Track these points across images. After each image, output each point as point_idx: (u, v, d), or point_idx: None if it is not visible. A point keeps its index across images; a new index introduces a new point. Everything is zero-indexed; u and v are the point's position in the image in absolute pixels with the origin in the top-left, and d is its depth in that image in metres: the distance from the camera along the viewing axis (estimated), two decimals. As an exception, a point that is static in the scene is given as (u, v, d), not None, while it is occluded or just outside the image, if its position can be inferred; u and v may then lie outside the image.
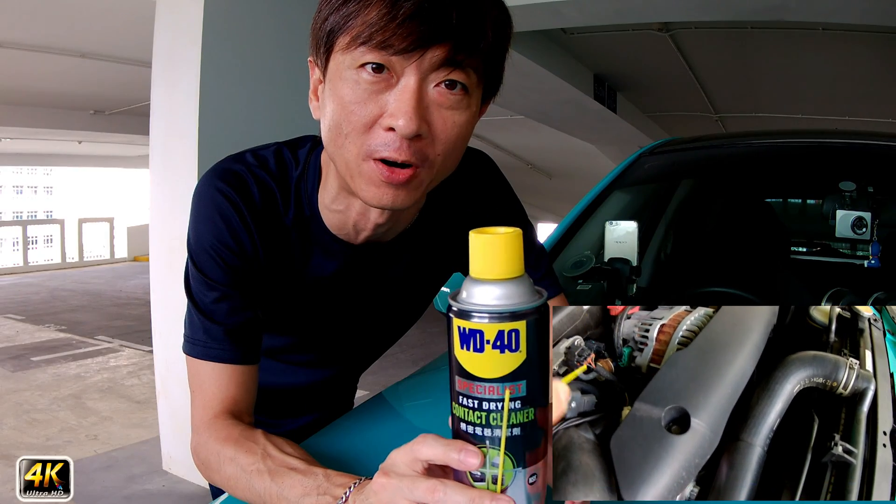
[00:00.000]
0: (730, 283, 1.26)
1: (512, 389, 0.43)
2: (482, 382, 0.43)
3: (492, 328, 0.42)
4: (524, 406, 0.43)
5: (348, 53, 0.56)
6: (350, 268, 0.75)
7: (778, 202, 2.06)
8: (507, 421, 0.43)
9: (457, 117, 0.59)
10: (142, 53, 4.43)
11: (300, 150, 0.73)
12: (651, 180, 1.70)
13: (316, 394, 0.95)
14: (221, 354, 0.68)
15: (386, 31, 0.54)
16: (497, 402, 0.43)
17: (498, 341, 0.42)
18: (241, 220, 0.67)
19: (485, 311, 0.43)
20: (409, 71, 0.56)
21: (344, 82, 0.57)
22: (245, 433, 0.64)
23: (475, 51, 0.57)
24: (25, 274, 9.87)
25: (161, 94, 2.63)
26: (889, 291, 1.16)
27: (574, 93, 5.34)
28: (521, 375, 0.43)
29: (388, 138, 0.57)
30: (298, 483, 0.55)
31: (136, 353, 4.79)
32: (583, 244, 1.39)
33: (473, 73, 0.58)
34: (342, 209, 0.69)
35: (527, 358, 0.43)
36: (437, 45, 0.55)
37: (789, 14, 3.38)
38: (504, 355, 0.43)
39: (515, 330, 0.42)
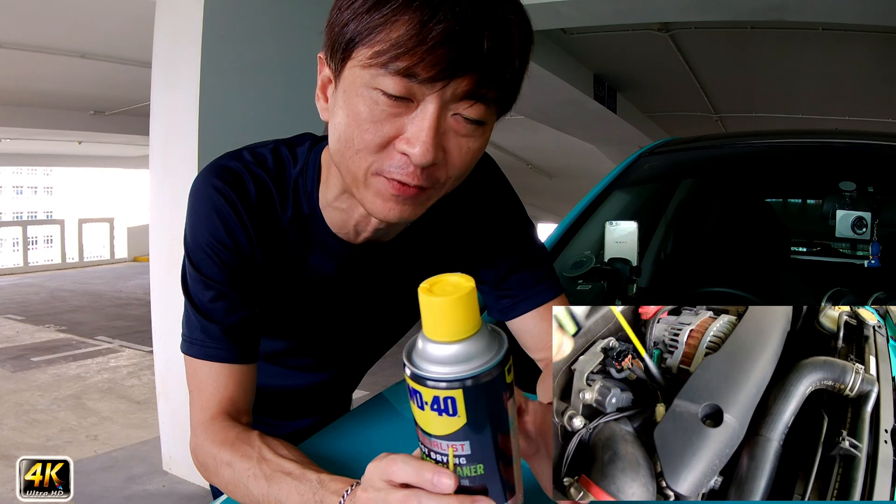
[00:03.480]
0: (730, 283, 1.25)
1: (455, 448, 0.42)
2: (427, 436, 0.43)
3: (426, 392, 0.42)
4: (470, 463, 0.43)
5: (368, 70, 0.53)
6: (349, 268, 0.74)
7: (778, 202, 2.06)
8: (455, 473, 0.43)
9: (472, 144, 0.58)
10: (142, 53, 4.43)
11: (299, 148, 0.71)
12: (651, 180, 1.70)
13: (316, 396, 0.95)
14: (219, 354, 0.67)
15: (413, 56, 0.51)
16: (443, 456, 0.43)
17: (434, 405, 0.42)
18: (238, 217, 0.67)
19: (420, 375, 0.42)
20: (431, 99, 0.53)
21: (360, 98, 0.55)
22: (241, 436, 0.63)
23: (500, 83, 0.55)
24: (25, 274, 9.87)
25: (161, 94, 2.63)
26: (889, 291, 1.16)
27: (574, 93, 5.35)
28: (463, 437, 0.42)
29: (401, 162, 0.56)
30: (294, 489, 0.55)
31: (137, 354, 4.79)
32: (583, 244, 1.39)
33: (493, 105, 0.57)
34: (345, 208, 0.68)
35: (467, 423, 0.42)
36: (462, 76, 0.53)
37: (789, 14, 3.38)
38: (443, 417, 0.42)
39: (451, 397, 0.41)
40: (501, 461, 0.44)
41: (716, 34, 4.50)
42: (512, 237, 0.79)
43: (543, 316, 0.78)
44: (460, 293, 0.41)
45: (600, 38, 4.76)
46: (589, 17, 3.65)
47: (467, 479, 0.43)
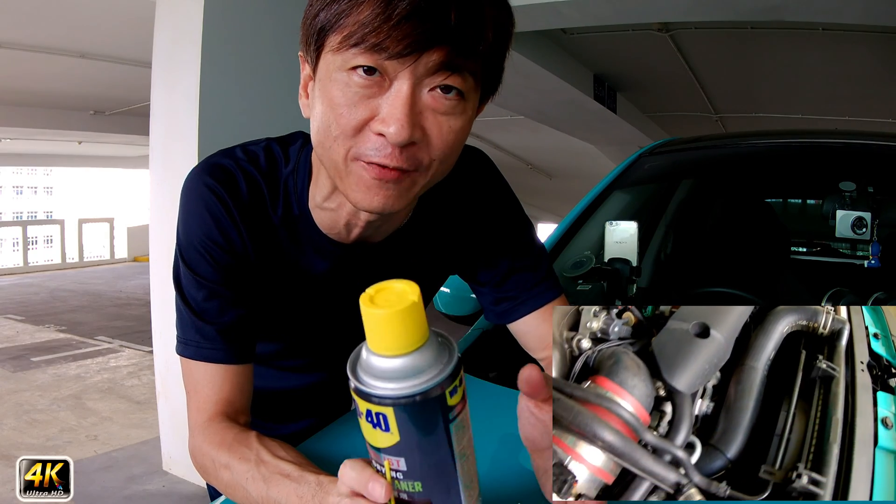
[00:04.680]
0: (730, 283, 1.25)
1: (391, 462, 0.42)
2: (368, 446, 0.43)
3: (362, 404, 0.40)
4: (407, 479, 0.42)
5: (339, 54, 0.54)
6: (341, 268, 0.73)
7: (778, 202, 2.06)
8: (392, 485, 0.43)
9: (452, 122, 0.57)
10: (142, 53, 4.43)
11: (291, 147, 0.71)
12: (651, 180, 1.70)
13: (310, 398, 0.94)
14: (214, 354, 0.66)
15: (380, 33, 0.51)
16: (380, 466, 0.43)
17: (369, 417, 0.41)
18: (229, 215, 0.66)
19: (355, 385, 0.40)
20: (403, 75, 0.53)
21: (334, 83, 0.55)
22: (239, 437, 0.63)
23: (474, 54, 0.54)
24: (25, 274, 9.87)
25: (161, 94, 2.63)
26: (889, 291, 1.16)
27: (574, 93, 5.35)
28: (398, 453, 0.41)
29: (378, 143, 0.55)
30: (293, 491, 0.54)
31: (137, 354, 4.79)
32: (583, 244, 1.39)
33: (470, 77, 0.56)
34: (334, 207, 0.67)
35: (401, 440, 0.40)
36: (433, 49, 0.52)
37: (789, 14, 3.38)
38: (377, 432, 0.41)
39: (382, 413, 0.40)
40: (444, 481, 0.42)
41: (716, 34, 4.50)
42: (510, 237, 0.78)
43: (544, 317, 0.77)
44: (400, 306, 0.38)
45: (600, 38, 4.76)
46: (589, 17, 3.65)
47: (406, 493, 0.42)
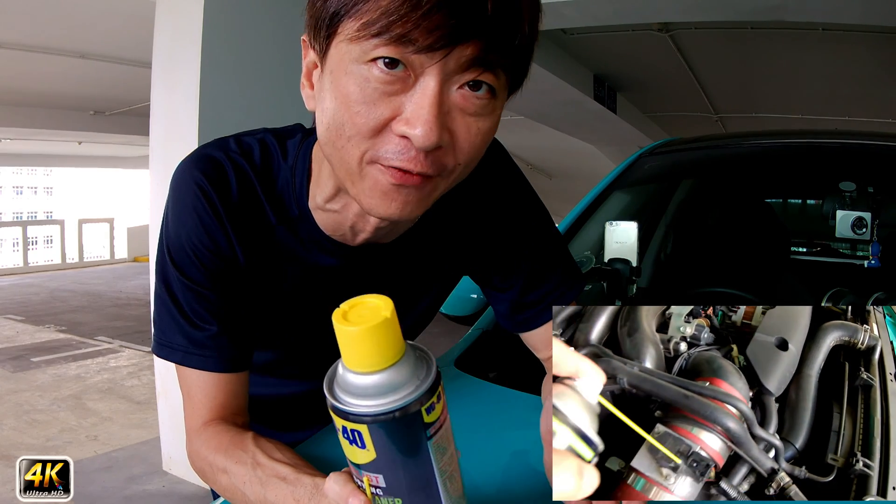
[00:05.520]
0: (730, 283, 1.25)
1: (370, 479, 0.41)
2: (348, 461, 0.42)
3: (337, 420, 0.40)
4: (387, 495, 0.42)
5: (357, 44, 0.47)
6: (346, 272, 0.67)
7: (778, 202, 2.06)
8: (373, 501, 0.42)
9: (481, 124, 0.51)
10: (142, 53, 4.43)
11: (289, 141, 0.65)
12: (651, 180, 1.70)
13: (310, 406, 0.90)
14: (204, 362, 0.62)
15: (407, 23, 0.44)
16: (361, 482, 0.43)
17: (345, 434, 0.40)
18: (216, 216, 0.61)
19: (330, 402, 0.40)
20: (431, 71, 0.47)
21: (349, 77, 0.48)
22: (235, 440, 0.61)
23: (509, 49, 0.48)
24: (25, 274, 9.87)
25: (161, 94, 2.63)
26: (889, 291, 1.16)
27: (574, 93, 5.35)
28: (376, 470, 0.41)
29: (401, 146, 0.49)
30: (290, 494, 0.53)
31: (136, 354, 4.79)
32: (583, 244, 1.39)
33: (503, 74, 0.50)
34: (338, 209, 0.62)
35: (378, 457, 0.40)
36: (466, 43, 0.46)
37: (789, 14, 3.38)
38: (354, 448, 0.40)
39: (357, 430, 0.39)
40: (425, 498, 0.42)
41: (716, 34, 4.50)
42: (529, 237, 0.72)
43: None
44: (373, 322, 0.37)
45: (600, 39, 4.76)
46: (589, 18, 3.66)
47: None
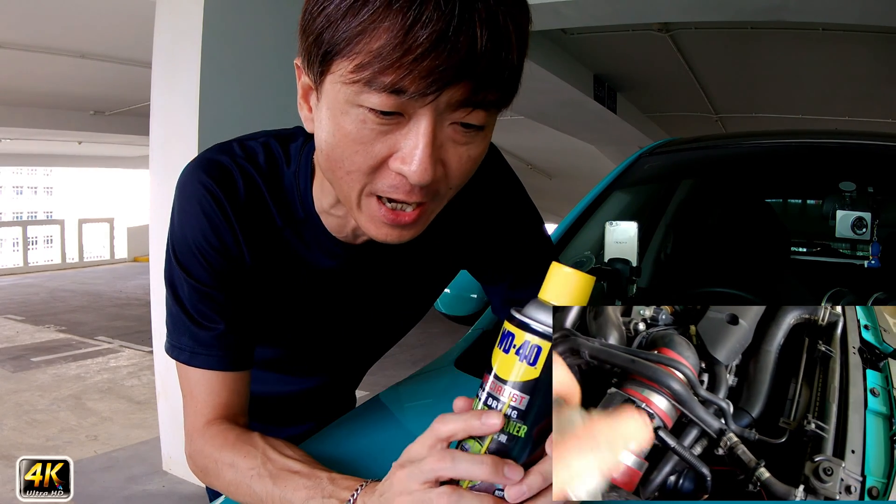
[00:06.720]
0: (730, 283, 1.26)
1: (514, 398, 0.45)
2: (497, 381, 0.46)
3: (521, 335, 0.45)
4: (519, 419, 0.45)
5: (350, 86, 0.47)
6: (348, 269, 0.71)
7: (778, 202, 2.06)
8: None
9: (472, 151, 0.53)
10: (142, 53, 4.43)
11: (292, 145, 0.67)
12: (651, 180, 1.70)
13: (313, 401, 0.93)
14: (210, 361, 0.64)
15: (400, 69, 0.45)
16: (497, 402, 0.45)
17: (521, 350, 0.45)
18: (225, 217, 0.62)
19: (523, 321, 0.45)
20: (423, 112, 0.48)
21: (346, 116, 0.50)
22: (242, 437, 0.62)
23: (498, 83, 0.49)
24: (25, 274, 9.87)
25: (161, 94, 2.63)
26: (889, 291, 1.16)
27: (574, 93, 5.34)
28: (527, 390, 0.45)
29: (397, 181, 0.51)
30: (302, 486, 0.54)
31: (136, 354, 4.79)
32: (583, 244, 1.39)
33: (493, 108, 0.52)
34: (341, 215, 0.65)
35: (540, 377, 0.44)
36: (457, 84, 0.47)
37: (789, 14, 3.38)
38: (521, 364, 0.45)
39: (538, 346, 0.44)
40: (540, 432, 0.46)
41: (716, 34, 4.50)
42: (520, 236, 0.77)
43: None
44: (585, 273, 0.46)
45: (600, 39, 4.76)
46: (589, 18, 3.65)
47: (506, 435, 0.45)
